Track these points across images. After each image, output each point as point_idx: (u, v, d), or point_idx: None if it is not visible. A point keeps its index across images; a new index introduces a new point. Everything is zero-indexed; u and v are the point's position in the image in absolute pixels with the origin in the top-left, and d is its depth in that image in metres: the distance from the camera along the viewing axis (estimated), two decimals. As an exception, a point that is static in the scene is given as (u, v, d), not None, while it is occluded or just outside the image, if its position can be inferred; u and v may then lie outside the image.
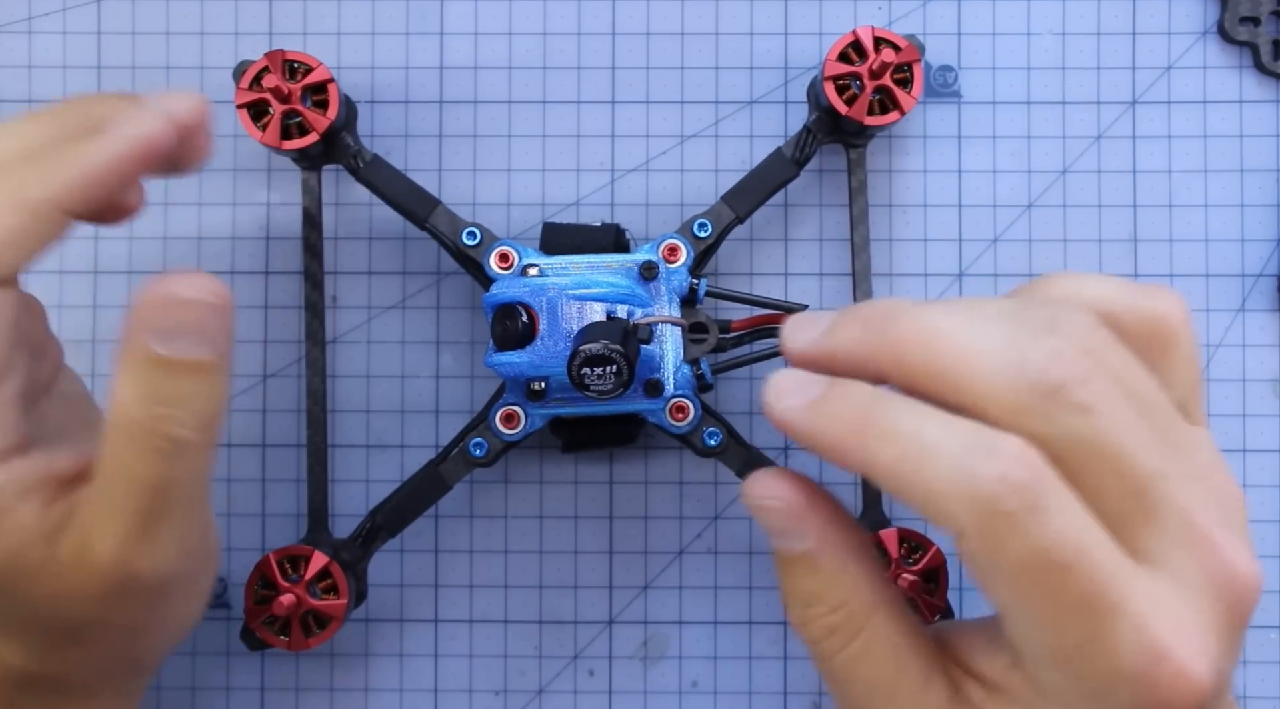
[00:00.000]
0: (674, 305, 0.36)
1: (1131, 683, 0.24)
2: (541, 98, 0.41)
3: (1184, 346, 0.27)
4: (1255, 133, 0.40)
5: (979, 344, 0.25)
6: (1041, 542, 0.23)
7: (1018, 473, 0.23)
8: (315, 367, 0.38)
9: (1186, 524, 0.25)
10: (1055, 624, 0.24)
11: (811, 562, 0.27)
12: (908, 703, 0.27)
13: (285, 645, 0.36)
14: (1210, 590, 0.25)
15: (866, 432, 0.25)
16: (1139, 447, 0.24)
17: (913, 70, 0.37)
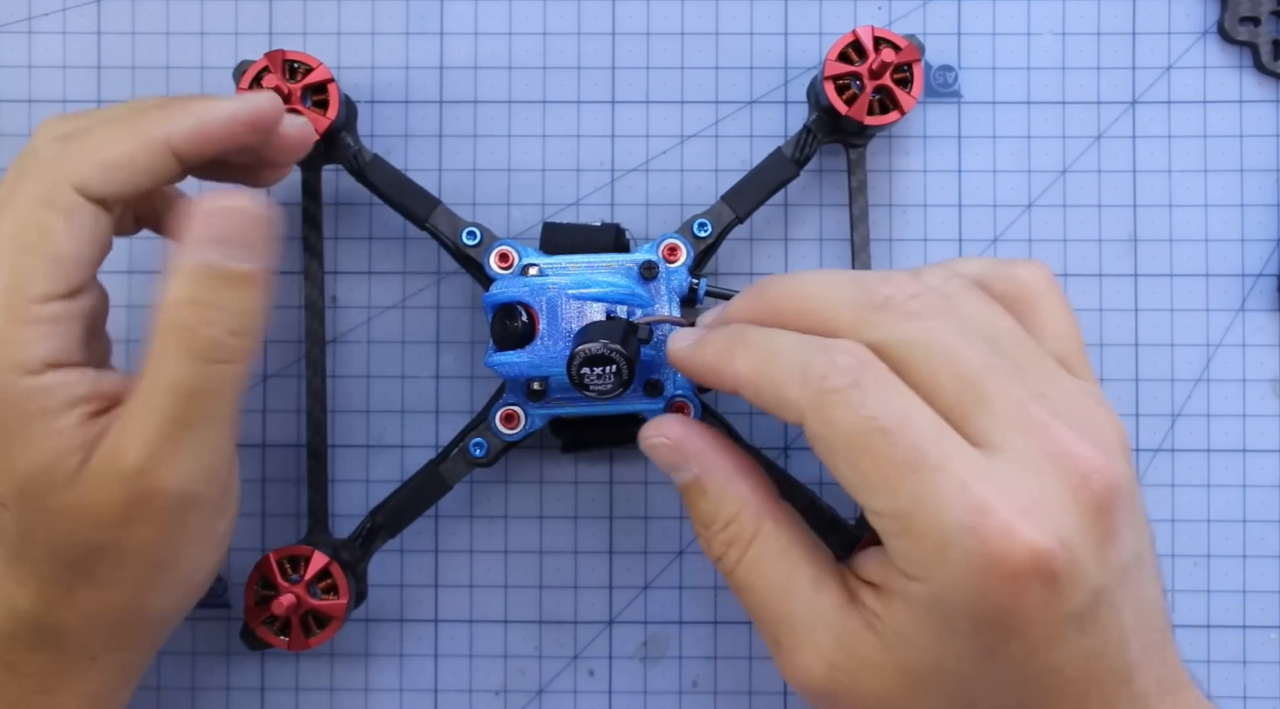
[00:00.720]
0: (674, 305, 0.36)
1: (961, 536, 0.26)
2: (541, 98, 0.41)
3: (1047, 306, 0.31)
4: (1255, 133, 0.40)
5: (831, 285, 0.30)
6: (863, 411, 0.27)
7: (843, 359, 0.27)
8: (315, 366, 0.38)
9: (1020, 413, 0.27)
10: (886, 487, 0.27)
11: (700, 485, 0.31)
12: (802, 603, 0.30)
13: (285, 645, 0.36)
14: (1050, 471, 0.27)
15: (732, 350, 0.30)
16: (967, 345, 0.28)
17: (913, 70, 0.37)
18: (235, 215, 0.29)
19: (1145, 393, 0.40)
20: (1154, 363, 0.40)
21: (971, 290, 0.30)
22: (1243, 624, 0.40)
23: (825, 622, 0.29)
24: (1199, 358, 0.40)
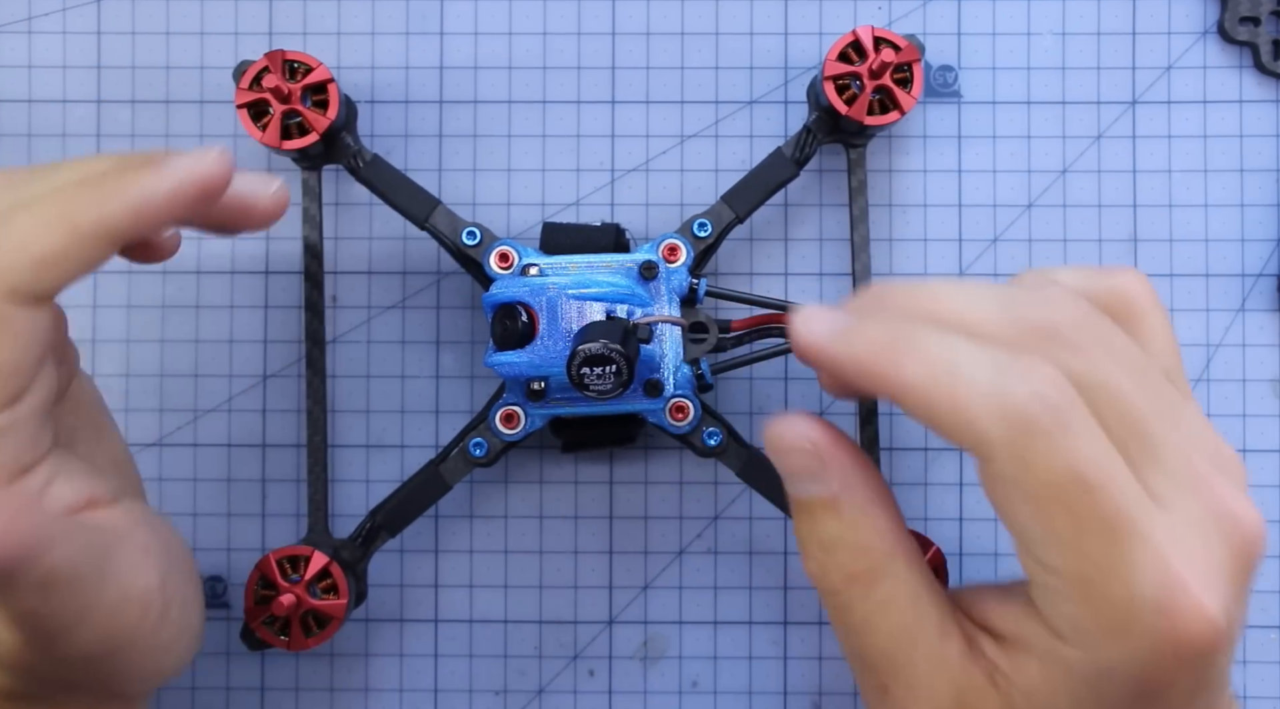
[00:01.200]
0: (674, 305, 0.36)
1: (1150, 614, 0.24)
2: (541, 98, 0.41)
3: (1153, 318, 0.28)
4: (1255, 133, 0.40)
5: (978, 300, 0.26)
6: (1070, 460, 0.23)
7: (1051, 393, 0.24)
8: (315, 366, 0.38)
9: (1188, 467, 0.25)
10: (1076, 547, 0.24)
11: (834, 506, 0.27)
12: (927, 652, 0.27)
13: (285, 645, 0.36)
14: (1217, 533, 0.25)
15: (897, 350, 0.25)
16: (1135, 389, 0.25)
17: (913, 70, 0.37)
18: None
19: (1145, 393, 0.40)
20: (1154, 363, 0.40)
21: (1097, 313, 0.27)
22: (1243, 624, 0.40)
23: (948, 675, 0.26)
24: (1199, 358, 0.40)
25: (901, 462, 0.40)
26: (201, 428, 0.40)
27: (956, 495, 0.40)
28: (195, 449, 0.40)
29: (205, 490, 0.40)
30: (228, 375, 0.40)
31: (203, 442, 0.40)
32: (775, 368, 0.40)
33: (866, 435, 0.38)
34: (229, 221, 0.30)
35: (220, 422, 0.40)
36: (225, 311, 0.40)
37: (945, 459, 0.40)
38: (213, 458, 0.40)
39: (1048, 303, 0.26)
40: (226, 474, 0.40)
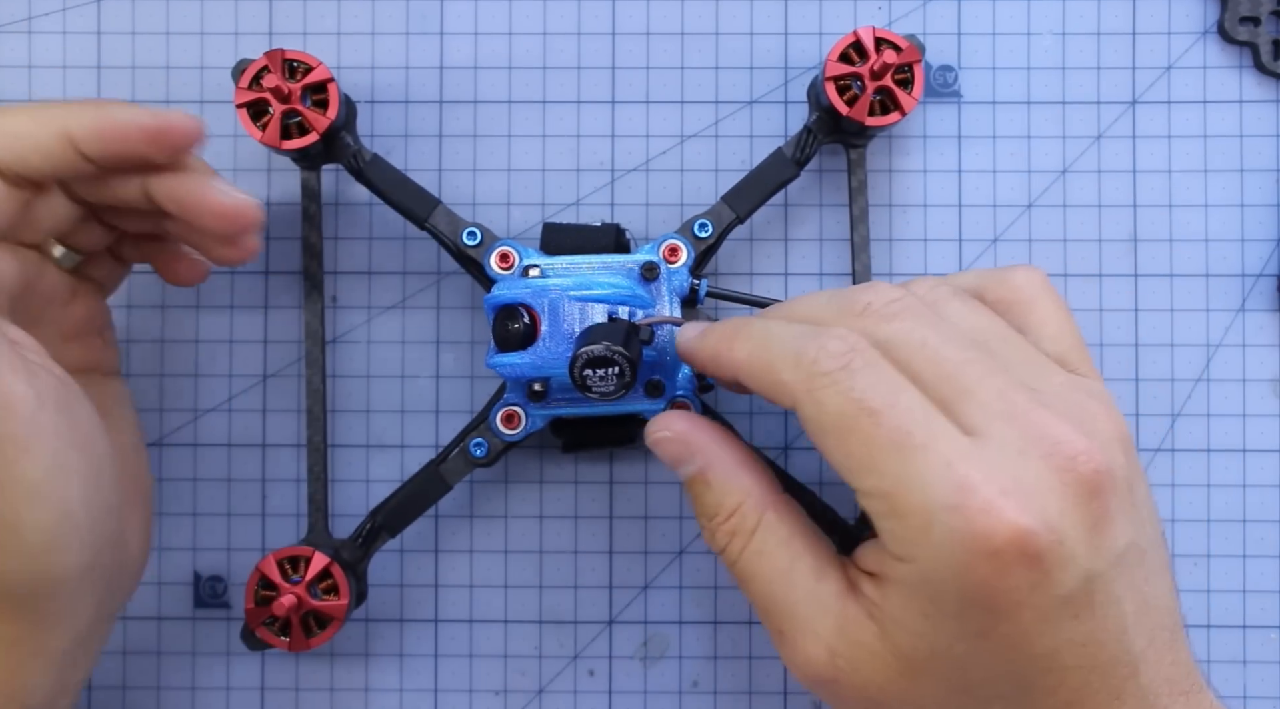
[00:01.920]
0: (675, 306, 0.36)
1: (944, 515, 0.26)
2: (541, 98, 0.41)
3: (1043, 307, 0.32)
4: (1255, 133, 0.40)
5: (814, 298, 0.31)
6: (852, 393, 0.28)
7: (835, 344, 0.28)
8: (315, 366, 0.38)
9: (1004, 400, 0.28)
10: (872, 466, 0.27)
11: (704, 478, 0.32)
12: (803, 591, 0.30)
13: (285, 646, 0.36)
14: (1035, 454, 0.27)
15: (732, 338, 0.31)
16: (945, 341, 0.29)
17: (913, 71, 0.37)
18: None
19: (1145, 393, 0.40)
20: (1154, 363, 0.40)
21: (958, 296, 0.31)
22: (1243, 624, 0.40)
23: (826, 610, 0.30)
24: (1199, 358, 0.40)
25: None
26: (201, 428, 0.40)
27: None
28: (195, 449, 0.40)
29: (205, 490, 0.40)
30: (228, 375, 0.40)
31: (203, 442, 0.40)
32: (775, 368, 0.40)
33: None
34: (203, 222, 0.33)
35: (220, 422, 0.40)
36: (225, 311, 0.40)
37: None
38: (213, 458, 0.40)
39: (869, 289, 0.30)
40: (226, 474, 0.40)
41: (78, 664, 0.31)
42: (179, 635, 0.40)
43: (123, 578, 0.33)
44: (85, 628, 0.31)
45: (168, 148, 0.32)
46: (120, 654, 0.40)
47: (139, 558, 0.34)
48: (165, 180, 0.33)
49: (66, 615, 0.30)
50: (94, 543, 0.30)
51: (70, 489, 0.29)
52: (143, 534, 0.35)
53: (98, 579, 0.30)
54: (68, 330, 0.34)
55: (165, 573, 0.40)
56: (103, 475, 0.30)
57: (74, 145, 0.31)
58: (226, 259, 0.34)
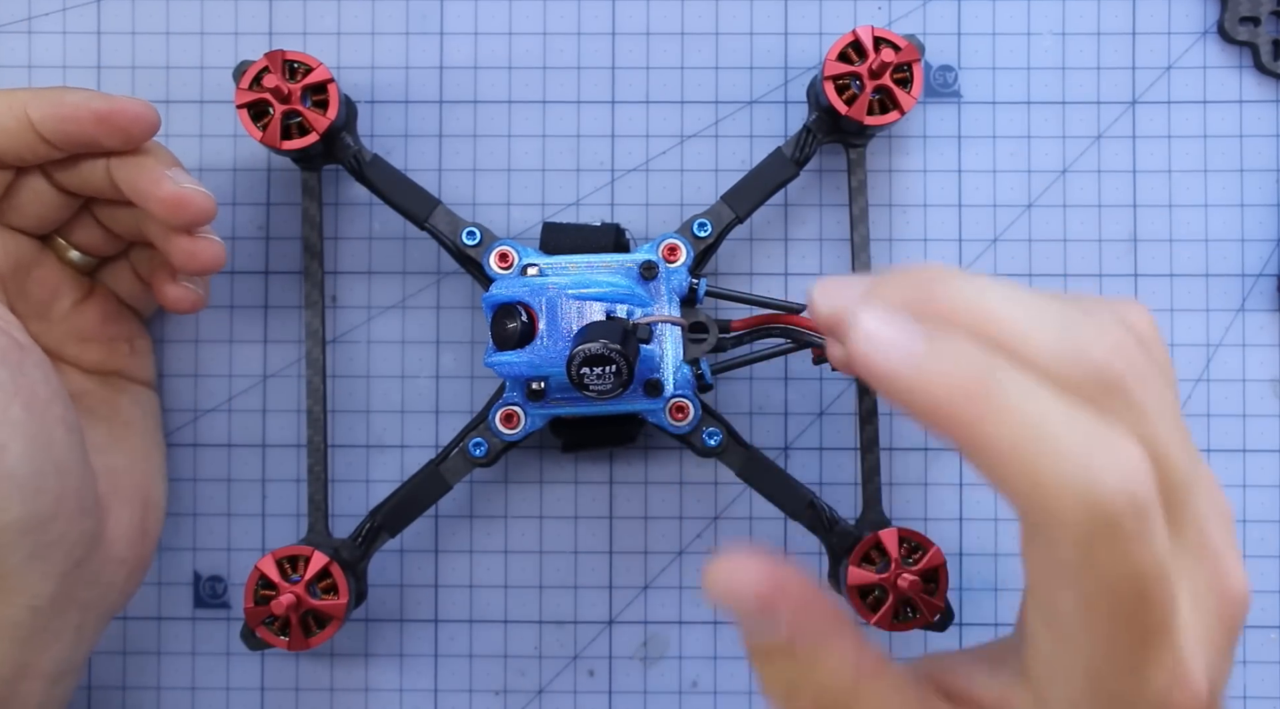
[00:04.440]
0: (674, 305, 0.36)
1: (1152, 705, 0.23)
2: (541, 98, 0.41)
3: (1163, 356, 0.26)
4: (1255, 133, 0.40)
5: (1035, 320, 0.23)
6: (1139, 568, 0.22)
7: (1140, 490, 0.21)
8: (315, 366, 0.38)
9: (1202, 538, 0.24)
10: (1108, 643, 0.23)
11: (788, 649, 0.25)
12: None
13: (285, 645, 0.36)
14: (1214, 606, 0.24)
15: (983, 401, 0.22)
16: (1181, 453, 0.23)
17: (912, 70, 0.37)
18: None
19: (1145, 393, 0.40)
20: (1154, 363, 0.40)
21: (1159, 345, 0.25)
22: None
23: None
24: (1199, 358, 0.40)
25: (901, 462, 0.40)
26: (201, 428, 0.40)
27: (956, 495, 0.40)
28: (195, 449, 0.40)
29: (205, 490, 0.40)
30: (228, 375, 0.40)
31: (203, 442, 0.40)
32: (775, 368, 0.40)
33: (866, 435, 0.38)
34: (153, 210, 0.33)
35: (220, 421, 0.40)
36: (225, 311, 0.40)
37: (945, 459, 0.40)
38: (213, 458, 0.40)
39: (1111, 344, 0.23)
40: (226, 474, 0.40)
41: (41, 646, 0.31)
42: (179, 635, 0.40)
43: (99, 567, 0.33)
44: (44, 603, 0.31)
45: (118, 132, 0.33)
46: (120, 654, 0.40)
47: (129, 556, 0.34)
48: (124, 165, 0.33)
49: (13, 580, 0.30)
50: (40, 502, 0.30)
51: (7, 438, 0.29)
52: (138, 533, 0.35)
53: (51, 548, 0.30)
54: (82, 330, 0.36)
55: (165, 573, 0.40)
56: (56, 440, 0.30)
57: (34, 128, 0.32)
58: (188, 264, 0.34)
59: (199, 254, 0.34)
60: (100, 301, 0.37)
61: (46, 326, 0.35)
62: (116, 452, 0.35)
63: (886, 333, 0.22)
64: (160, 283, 0.36)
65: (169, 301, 0.36)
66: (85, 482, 0.32)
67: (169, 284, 0.36)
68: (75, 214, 0.35)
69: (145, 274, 0.37)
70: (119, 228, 0.36)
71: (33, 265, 0.35)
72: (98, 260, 0.36)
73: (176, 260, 0.34)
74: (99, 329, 0.36)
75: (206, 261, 0.34)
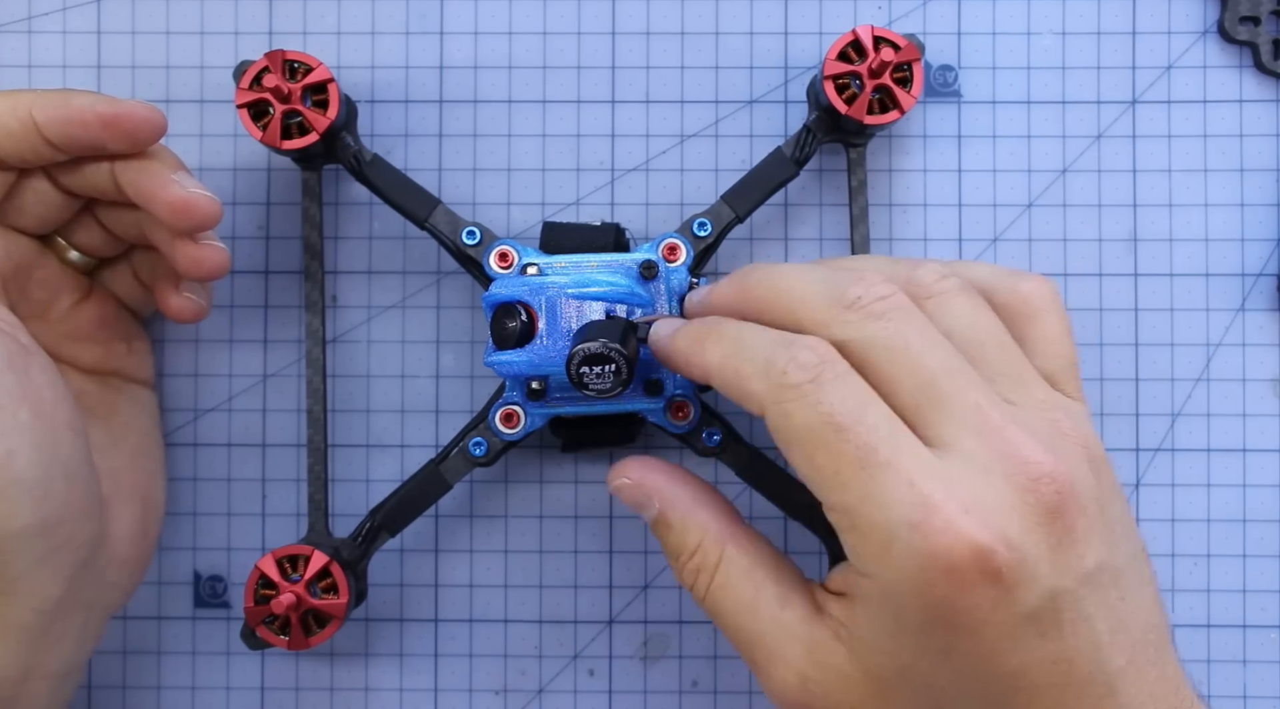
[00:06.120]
0: (674, 305, 0.36)
1: (905, 532, 0.27)
2: (541, 98, 0.41)
3: (1046, 323, 0.31)
4: (1255, 133, 0.40)
5: (803, 280, 0.30)
6: (819, 407, 0.28)
7: (805, 355, 0.28)
8: (316, 365, 0.38)
9: (978, 416, 0.28)
10: (836, 480, 0.28)
11: (664, 520, 0.32)
12: (769, 620, 0.30)
13: (285, 645, 0.36)
14: (1000, 472, 0.27)
15: (704, 340, 0.31)
16: (928, 348, 0.29)
17: (912, 69, 0.37)
18: None
19: (1145, 393, 0.40)
20: (1154, 363, 0.40)
21: (965, 292, 0.31)
22: (1243, 624, 0.40)
23: (793, 635, 0.30)
24: (1199, 358, 0.40)
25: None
26: (201, 428, 0.40)
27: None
28: (195, 449, 0.40)
29: (205, 490, 0.40)
30: (228, 375, 0.40)
31: (203, 442, 0.40)
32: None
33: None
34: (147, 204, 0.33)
35: (220, 421, 0.40)
36: (225, 311, 0.40)
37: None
38: (213, 458, 0.40)
39: (861, 280, 0.29)
40: (226, 474, 0.40)
41: (47, 648, 0.31)
42: (179, 635, 0.40)
43: (103, 568, 0.33)
44: (51, 606, 0.31)
45: (124, 136, 0.32)
46: (120, 654, 0.40)
47: (131, 556, 0.35)
48: (129, 168, 0.33)
49: (22, 584, 0.30)
50: (48, 507, 0.30)
51: (16, 444, 0.29)
52: (139, 533, 0.35)
53: (58, 551, 0.30)
54: (81, 331, 0.36)
55: (165, 573, 0.40)
56: (62, 444, 0.30)
57: (38, 131, 0.32)
58: (192, 270, 0.34)
59: (204, 260, 0.34)
60: (99, 302, 0.36)
61: (45, 327, 0.35)
62: (116, 452, 0.35)
63: (666, 322, 0.33)
64: (163, 291, 0.36)
65: (171, 311, 0.36)
66: (91, 484, 0.32)
67: (171, 293, 0.36)
68: (76, 215, 0.35)
69: (147, 279, 0.37)
70: (121, 229, 0.36)
71: (34, 266, 0.35)
72: (96, 260, 0.36)
73: (181, 266, 0.34)
74: (97, 329, 0.36)
75: (211, 268, 0.34)
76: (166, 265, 0.35)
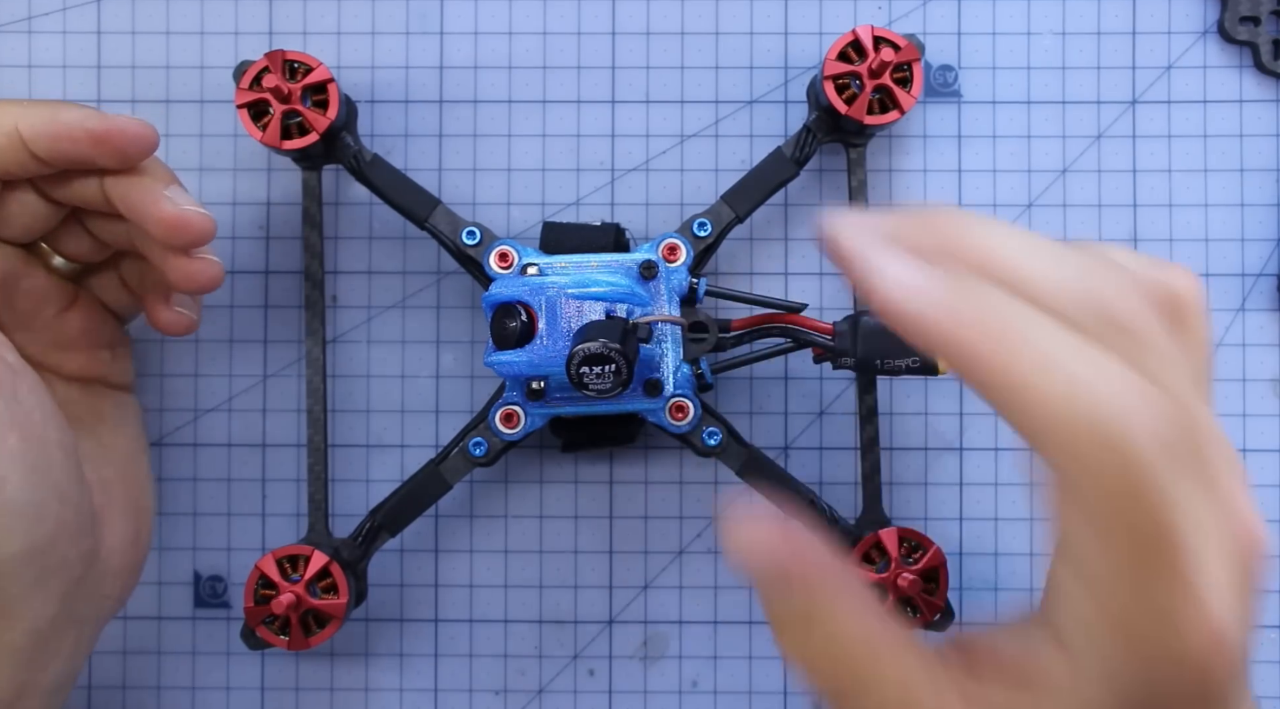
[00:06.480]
0: (674, 305, 0.36)
1: (1169, 635, 0.23)
2: (541, 98, 0.41)
3: (1198, 324, 0.26)
4: (1255, 133, 0.40)
5: (1045, 262, 0.24)
6: (1167, 515, 0.22)
7: (1168, 430, 0.22)
8: (316, 365, 0.38)
9: (1217, 486, 0.24)
10: (1132, 587, 0.23)
11: (805, 614, 0.25)
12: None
13: (285, 645, 0.36)
14: (1234, 550, 0.24)
15: (1005, 339, 0.22)
16: (1192, 399, 0.24)
17: (912, 69, 0.37)
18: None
19: (1145, 393, 0.40)
20: (1154, 363, 0.40)
21: (1162, 324, 0.25)
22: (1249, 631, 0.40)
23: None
24: (1199, 358, 0.40)
25: (901, 462, 0.40)
26: (201, 428, 0.40)
27: (956, 495, 0.40)
28: (195, 449, 0.40)
29: (205, 490, 0.40)
30: (228, 375, 0.40)
31: (203, 442, 0.40)
32: (775, 368, 0.40)
33: (866, 435, 0.38)
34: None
35: (220, 422, 0.40)
36: (225, 311, 0.40)
37: (945, 459, 0.40)
38: (213, 458, 0.40)
39: (1119, 288, 0.23)
40: (226, 474, 0.40)
41: (42, 665, 0.31)
42: (179, 635, 0.40)
43: (97, 581, 0.33)
44: (45, 625, 0.30)
45: (114, 152, 0.31)
46: (120, 654, 0.40)
47: (124, 566, 0.34)
48: (120, 183, 0.32)
49: (16, 607, 0.30)
50: (41, 530, 0.29)
51: (7, 470, 0.29)
52: (131, 543, 0.34)
53: (53, 573, 0.30)
54: (65, 338, 0.34)
55: (165, 573, 0.40)
56: (54, 465, 0.30)
57: (25, 145, 0.31)
58: (185, 285, 0.33)
59: (196, 275, 0.33)
60: (84, 309, 0.35)
61: (30, 336, 0.34)
62: (106, 462, 0.35)
63: (911, 278, 0.23)
64: (153, 303, 0.35)
65: (161, 324, 0.35)
66: (83, 502, 0.31)
67: (161, 306, 0.35)
68: (62, 221, 0.34)
69: (135, 287, 0.36)
70: (109, 237, 0.34)
71: (19, 276, 0.33)
72: (82, 266, 0.35)
73: (173, 280, 0.33)
74: (82, 337, 0.35)
75: (204, 282, 0.33)
76: (157, 276, 0.34)
